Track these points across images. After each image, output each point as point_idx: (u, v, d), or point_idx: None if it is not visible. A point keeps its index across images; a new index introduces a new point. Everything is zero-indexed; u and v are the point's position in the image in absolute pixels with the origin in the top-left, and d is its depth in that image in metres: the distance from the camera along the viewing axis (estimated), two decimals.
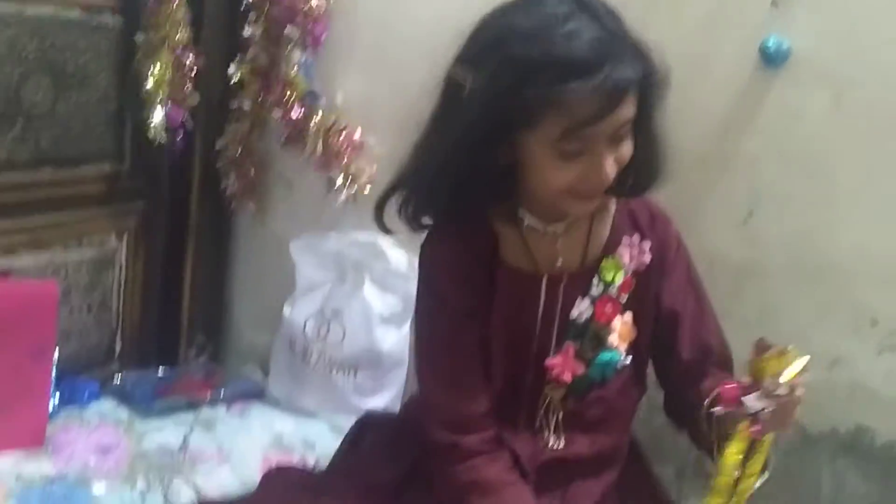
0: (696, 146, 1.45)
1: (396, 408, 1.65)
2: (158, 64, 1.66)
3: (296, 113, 1.74)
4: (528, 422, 1.21)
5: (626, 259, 1.19)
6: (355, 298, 1.76)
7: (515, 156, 1.09)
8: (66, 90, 1.63)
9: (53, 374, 1.61)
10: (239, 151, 1.84)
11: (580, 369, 1.18)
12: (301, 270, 1.83)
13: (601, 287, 1.18)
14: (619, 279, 1.19)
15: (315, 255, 1.82)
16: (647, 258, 1.20)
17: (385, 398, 1.79)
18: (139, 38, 1.68)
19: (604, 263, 1.19)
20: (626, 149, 1.06)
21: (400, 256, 1.77)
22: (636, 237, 1.20)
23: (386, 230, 1.21)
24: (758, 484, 1.04)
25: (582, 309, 1.18)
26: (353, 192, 1.76)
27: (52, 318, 1.55)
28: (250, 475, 1.52)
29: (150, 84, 1.67)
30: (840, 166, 1.36)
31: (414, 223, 1.19)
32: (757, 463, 1.02)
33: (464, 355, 1.18)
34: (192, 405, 1.77)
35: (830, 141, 1.36)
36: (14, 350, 1.51)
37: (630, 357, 1.20)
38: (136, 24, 1.69)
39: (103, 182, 1.75)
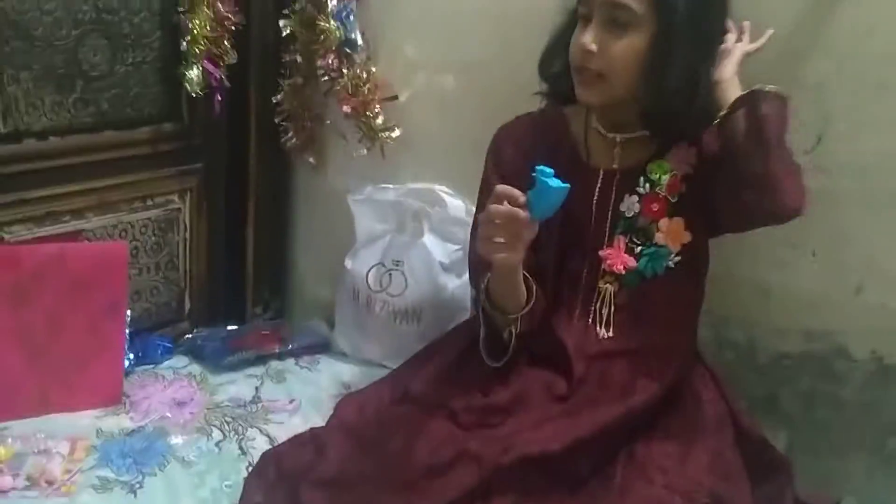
0: (762, 71, 1.40)
1: None
2: (196, 20, 1.66)
3: (329, 62, 1.74)
4: (582, 313, 1.36)
5: (674, 162, 1.32)
6: (415, 247, 1.77)
7: None
8: (123, 51, 1.64)
9: (126, 332, 1.65)
10: (295, 105, 1.84)
11: (632, 262, 1.32)
12: (360, 222, 1.84)
13: (648, 186, 1.32)
14: (666, 179, 1.32)
15: (373, 207, 1.83)
16: (694, 161, 1.31)
17: None
18: None
19: (650, 165, 1.33)
20: (625, 41, 1.22)
21: (458, 204, 1.76)
22: (684, 144, 1.32)
23: (546, 77, 1.40)
24: None
25: (630, 204, 1.33)
26: (375, 145, 1.77)
27: (123, 276, 1.59)
28: (322, 423, 1.55)
29: (189, 39, 1.67)
30: None
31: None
32: None
33: None
34: (262, 359, 1.79)
35: None
36: (89, 309, 1.55)
37: (679, 257, 1.32)
38: None
39: (164, 142, 1.76)
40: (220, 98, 1.77)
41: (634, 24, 1.21)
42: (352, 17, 1.73)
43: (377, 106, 1.76)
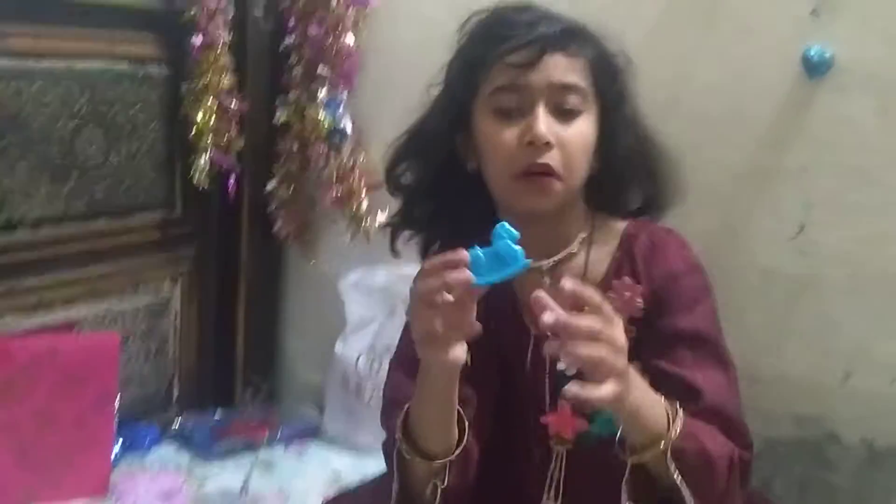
0: (743, 160, 1.43)
1: None
2: (202, 111, 1.70)
3: (318, 151, 1.77)
4: (537, 484, 1.10)
5: (619, 303, 1.03)
6: None
7: (474, 149, 1.09)
8: (118, 141, 1.67)
9: (115, 422, 1.63)
10: (288, 193, 1.87)
11: (583, 425, 1.06)
12: (350, 307, 1.84)
13: None
14: None
15: (364, 292, 1.83)
16: (640, 304, 1.04)
17: None
18: (184, 87, 1.72)
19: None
20: (576, 129, 1.05)
21: None
22: (627, 280, 1.06)
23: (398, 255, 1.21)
24: None
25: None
26: (359, 231, 1.79)
27: (114, 369, 1.58)
28: None
29: (194, 131, 1.70)
30: (893, 173, 1.33)
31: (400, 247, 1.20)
32: None
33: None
34: (251, 446, 1.78)
35: (880, 148, 1.33)
36: (78, 402, 1.54)
37: None
38: (181, 73, 1.73)
39: (156, 230, 1.78)
40: (234, 182, 1.81)
41: (583, 106, 1.06)
42: (341, 107, 1.77)
43: (363, 193, 1.78)
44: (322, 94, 1.76)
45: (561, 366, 0.90)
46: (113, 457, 1.63)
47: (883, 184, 1.33)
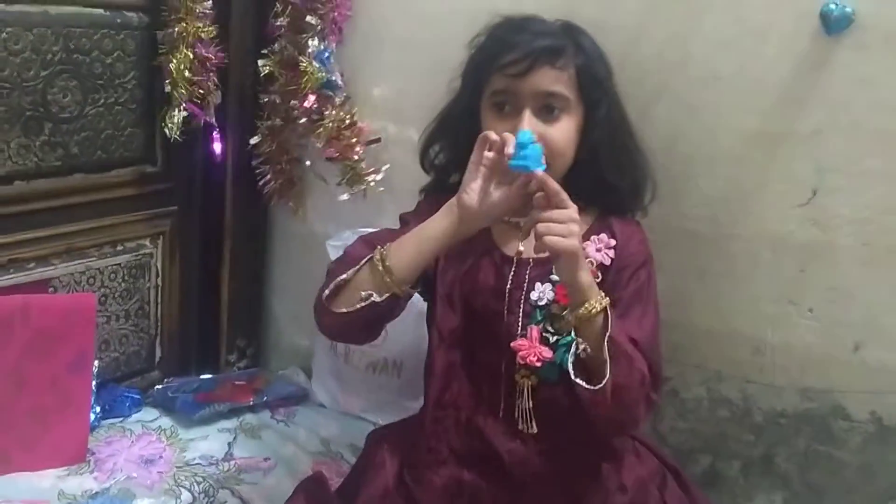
0: (754, 122, 1.37)
1: None
2: (177, 60, 1.61)
3: (308, 103, 1.68)
4: (507, 411, 1.24)
5: (592, 251, 1.24)
6: None
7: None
8: (94, 92, 1.58)
9: (93, 384, 1.57)
10: (273, 147, 1.78)
11: (547, 353, 1.19)
12: None
13: None
14: None
15: None
16: (612, 254, 1.25)
17: None
18: (161, 34, 1.62)
19: None
20: (558, 128, 1.22)
21: None
22: (604, 235, 1.26)
23: (431, 169, 1.39)
24: None
25: (542, 291, 1.23)
26: (359, 188, 1.71)
27: (90, 330, 1.52)
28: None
29: (168, 81, 1.62)
30: None
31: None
32: None
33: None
34: (236, 411, 1.72)
35: None
36: (53, 364, 1.48)
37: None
38: (161, 21, 1.63)
39: (135, 185, 1.70)
40: (217, 136, 1.73)
41: (566, 109, 1.23)
42: (332, 59, 1.69)
43: (360, 149, 1.71)
44: (312, 44, 1.67)
45: (534, 295, 1.23)
46: (91, 421, 1.57)
47: None
